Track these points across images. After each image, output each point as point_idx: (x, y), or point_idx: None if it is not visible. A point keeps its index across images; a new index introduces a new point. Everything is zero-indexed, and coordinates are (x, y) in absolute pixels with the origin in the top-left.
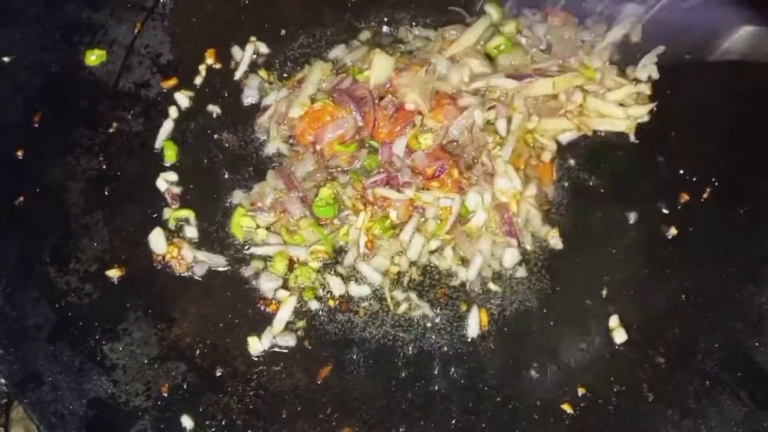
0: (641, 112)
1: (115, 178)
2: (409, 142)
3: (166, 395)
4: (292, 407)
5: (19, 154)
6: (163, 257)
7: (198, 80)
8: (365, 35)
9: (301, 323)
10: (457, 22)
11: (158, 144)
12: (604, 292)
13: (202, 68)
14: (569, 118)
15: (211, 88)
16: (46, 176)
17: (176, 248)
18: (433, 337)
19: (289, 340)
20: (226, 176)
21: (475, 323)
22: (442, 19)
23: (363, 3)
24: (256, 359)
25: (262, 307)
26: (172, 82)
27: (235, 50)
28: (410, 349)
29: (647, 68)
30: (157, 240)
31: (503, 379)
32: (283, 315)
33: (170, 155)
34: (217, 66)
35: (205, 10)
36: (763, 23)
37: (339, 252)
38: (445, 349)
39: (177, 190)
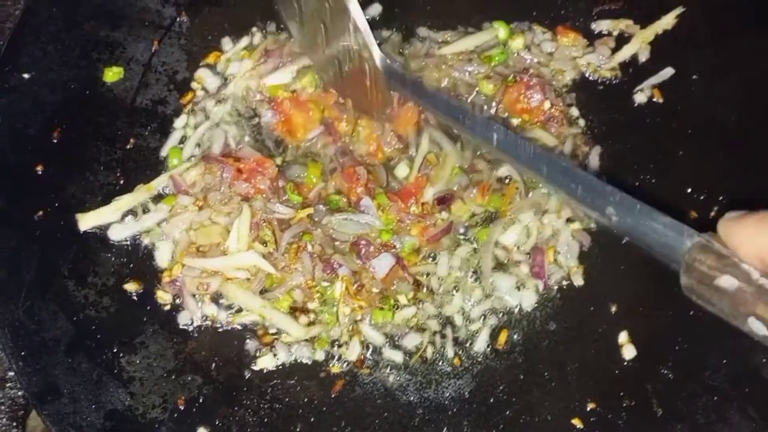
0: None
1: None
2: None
3: (183, 408)
4: (306, 420)
5: (39, 169)
6: (170, 271)
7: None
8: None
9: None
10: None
11: (164, 152)
12: (614, 309)
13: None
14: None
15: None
16: (65, 191)
17: (179, 264)
18: (444, 352)
19: (304, 352)
20: None
21: (482, 339)
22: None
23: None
24: (270, 373)
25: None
26: (189, 98)
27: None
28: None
29: (645, 92)
30: (163, 254)
31: (514, 394)
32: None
33: (173, 163)
34: None
35: (221, 28)
36: None
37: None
38: (456, 363)
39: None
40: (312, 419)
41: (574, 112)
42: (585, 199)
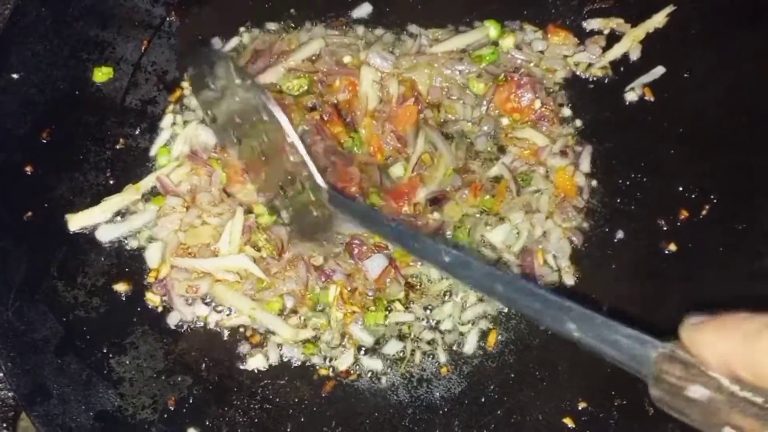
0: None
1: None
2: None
3: (173, 408)
4: (297, 420)
5: (28, 169)
6: (156, 271)
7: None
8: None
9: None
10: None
11: (153, 151)
12: (605, 308)
13: None
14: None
15: None
16: (54, 192)
17: (167, 265)
18: (434, 352)
19: (295, 353)
20: None
21: (472, 339)
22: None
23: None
24: (261, 373)
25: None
26: (178, 97)
27: (215, 41)
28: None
29: (636, 91)
30: (152, 255)
31: (505, 394)
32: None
33: (162, 163)
34: None
35: (211, 28)
36: None
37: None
38: (447, 364)
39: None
40: (302, 419)
41: (566, 111)
42: (543, 316)
